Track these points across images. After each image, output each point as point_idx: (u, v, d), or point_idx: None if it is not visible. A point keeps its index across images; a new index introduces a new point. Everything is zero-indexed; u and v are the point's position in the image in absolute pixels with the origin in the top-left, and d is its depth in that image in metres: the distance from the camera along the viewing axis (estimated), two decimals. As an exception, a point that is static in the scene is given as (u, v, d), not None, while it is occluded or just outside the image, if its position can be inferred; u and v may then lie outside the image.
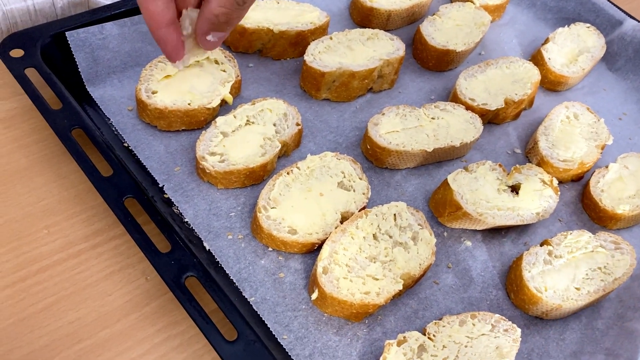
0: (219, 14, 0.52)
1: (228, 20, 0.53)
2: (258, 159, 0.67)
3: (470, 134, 0.74)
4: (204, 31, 0.54)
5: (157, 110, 0.68)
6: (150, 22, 0.52)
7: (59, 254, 0.59)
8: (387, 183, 0.72)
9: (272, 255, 0.62)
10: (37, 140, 0.68)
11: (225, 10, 0.52)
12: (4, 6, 0.72)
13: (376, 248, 0.61)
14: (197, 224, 0.63)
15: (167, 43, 0.54)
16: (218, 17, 0.52)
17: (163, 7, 0.51)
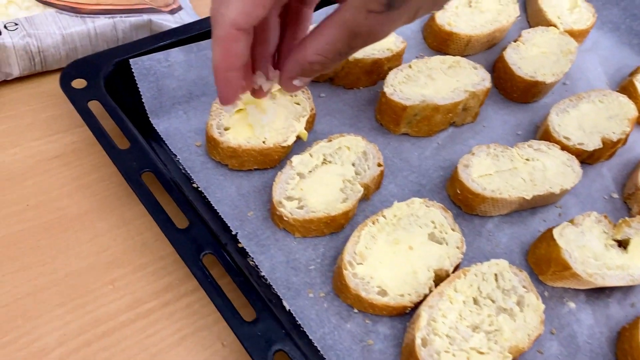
0: (315, 62, 0.46)
1: (322, 69, 0.47)
2: (339, 205, 0.60)
3: (569, 179, 0.67)
4: (291, 75, 0.49)
5: (230, 149, 0.62)
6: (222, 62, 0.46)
7: (126, 313, 0.53)
8: (478, 232, 0.65)
9: (358, 318, 0.56)
10: (98, 180, 0.62)
11: (323, 59, 0.46)
12: (63, 30, 0.67)
13: (478, 315, 0.54)
14: (274, 279, 0.57)
15: (230, 87, 0.48)
16: (312, 65, 0.46)
17: (242, 50, 0.45)
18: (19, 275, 0.54)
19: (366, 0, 0.41)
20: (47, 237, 0.57)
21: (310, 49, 0.46)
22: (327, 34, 0.45)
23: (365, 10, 0.42)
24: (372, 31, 0.44)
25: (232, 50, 0.45)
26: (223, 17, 0.43)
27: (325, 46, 0.45)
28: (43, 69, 0.69)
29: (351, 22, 0.43)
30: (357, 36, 0.44)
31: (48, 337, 0.51)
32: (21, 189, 0.60)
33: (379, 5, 0.42)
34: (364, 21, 0.43)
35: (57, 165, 0.62)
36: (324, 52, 0.46)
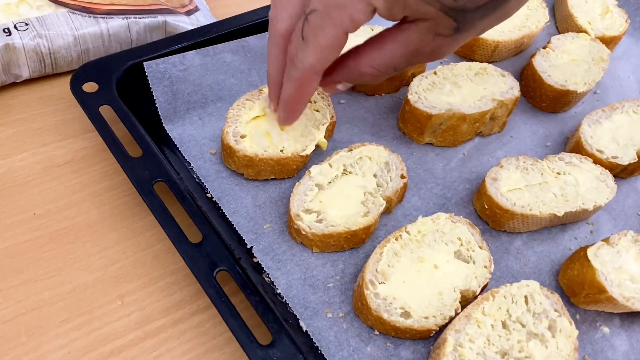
0: (367, 73, 0.47)
1: (371, 80, 0.49)
2: (360, 219, 0.57)
3: (603, 194, 0.63)
4: (338, 79, 0.51)
5: (247, 157, 0.59)
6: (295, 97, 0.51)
7: (134, 331, 0.50)
8: (506, 250, 0.61)
9: (379, 341, 0.52)
10: (108, 188, 0.59)
11: (376, 72, 0.47)
12: (75, 31, 0.64)
13: (508, 340, 0.51)
14: (291, 297, 0.54)
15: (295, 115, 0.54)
16: (362, 75, 0.47)
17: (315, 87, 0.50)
18: (24, 288, 0.51)
19: (436, 25, 0.43)
20: (54, 248, 0.54)
21: (365, 61, 0.47)
22: (387, 49, 0.46)
23: (433, 33, 0.43)
24: (435, 52, 0.46)
25: (307, 89, 0.49)
26: (302, 62, 0.46)
27: (382, 61, 0.47)
28: (54, 71, 0.67)
29: (417, 43, 0.45)
30: (419, 55, 0.46)
31: (52, 355, 0.48)
32: (28, 197, 0.57)
33: (448, 30, 0.43)
34: (431, 42, 0.44)
35: (66, 172, 0.60)
36: (379, 66, 0.47)
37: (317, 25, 0.44)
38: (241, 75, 0.69)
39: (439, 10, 0.41)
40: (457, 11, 0.42)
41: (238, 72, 0.69)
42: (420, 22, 0.43)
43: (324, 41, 0.44)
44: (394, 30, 0.46)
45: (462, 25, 0.43)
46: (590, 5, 0.89)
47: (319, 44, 0.44)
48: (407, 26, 0.44)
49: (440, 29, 0.43)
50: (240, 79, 0.69)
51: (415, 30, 0.44)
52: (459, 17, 0.42)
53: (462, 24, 0.43)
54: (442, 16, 0.42)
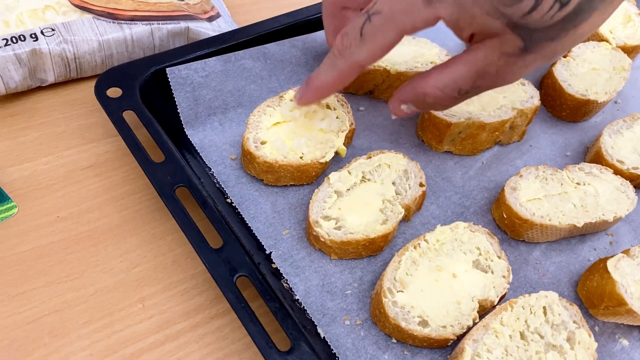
0: (431, 94, 0.47)
1: (435, 104, 0.49)
2: (379, 227, 0.57)
3: (623, 205, 0.63)
4: (401, 98, 0.51)
5: (267, 163, 0.59)
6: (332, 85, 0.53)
7: (155, 334, 0.51)
8: (524, 260, 0.61)
9: (397, 349, 0.52)
10: (130, 192, 0.60)
11: (441, 94, 0.47)
12: (100, 36, 0.65)
13: (526, 351, 0.51)
14: (309, 303, 0.54)
15: (319, 97, 0.56)
16: (427, 96, 0.47)
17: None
18: (47, 290, 0.52)
19: (502, 44, 0.42)
20: (77, 250, 0.55)
21: (431, 81, 0.47)
22: (453, 69, 0.45)
23: (499, 51, 0.42)
24: (501, 73, 0.44)
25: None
26: (353, 56, 0.48)
27: (448, 81, 0.46)
28: (78, 76, 0.68)
29: (482, 61, 0.44)
30: (485, 76, 0.45)
31: (75, 356, 0.49)
32: (52, 200, 0.58)
33: (515, 49, 0.42)
34: (496, 61, 0.43)
35: (89, 176, 0.61)
36: (444, 87, 0.46)
37: (380, 26, 0.45)
38: (261, 81, 0.70)
39: (506, 26, 0.41)
40: (524, 29, 0.41)
41: (258, 78, 0.70)
42: (487, 40, 0.43)
43: (381, 42, 0.45)
44: (462, 53, 0.45)
45: (529, 45, 0.42)
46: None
47: (376, 44, 0.46)
48: (474, 46, 0.44)
49: (507, 47, 0.42)
50: (260, 85, 0.70)
51: (481, 48, 0.43)
52: (526, 36, 0.41)
53: (529, 43, 0.42)
54: (508, 33, 0.41)
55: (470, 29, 0.43)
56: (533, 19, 0.40)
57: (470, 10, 0.41)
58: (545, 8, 0.39)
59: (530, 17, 0.40)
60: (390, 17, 0.44)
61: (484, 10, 0.40)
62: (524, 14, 0.40)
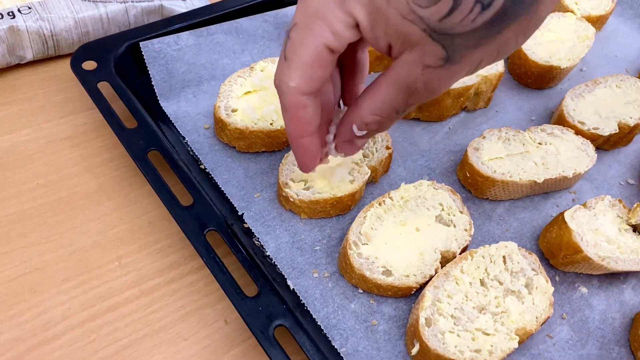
0: (371, 122, 0.45)
1: (379, 128, 0.46)
2: (346, 186, 0.60)
3: (583, 162, 0.65)
4: (347, 138, 0.48)
5: (238, 130, 0.62)
6: (294, 130, 0.45)
7: (130, 289, 0.53)
8: (488, 216, 0.64)
9: (363, 298, 0.55)
10: (107, 160, 0.63)
11: (379, 119, 0.44)
12: (76, 14, 0.67)
13: (485, 296, 0.53)
14: (279, 258, 0.56)
15: (307, 153, 0.47)
16: (368, 125, 0.45)
17: (313, 115, 0.44)
18: (27, 250, 0.55)
19: (422, 56, 0.39)
20: (56, 214, 0.57)
21: (366, 110, 0.44)
22: (382, 93, 0.43)
23: (421, 66, 0.39)
24: (429, 87, 0.41)
25: (303, 117, 0.44)
26: (287, 85, 0.42)
27: (382, 105, 0.43)
28: (56, 53, 0.70)
29: (406, 79, 0.41)
30: (414, 93, 0.42)
31: (53, 310, 0.51)
32: (32, 169, 0.61)
33: (437, 59, 0.39)
34: (421, 77, 0.40)
35: (68, 146, 0.63)
36: (380, 112, 0.44)
37: (299, 40, 0.40)
38: (234, 55, 0.72)
39: (424, 32, 0.37)
40: (444, 36, 0.37)
41: (231, 52, 0.72)
42: (405, 53, 0.39)
43: (306, 57, 0.40)
44: (385, 72, 0.42)
45: (452, 55, 0.38)
46: (577, -14, 0.91)
47: (302, 60, 0.40)
48: (394, 63, 0.41)
49: (428, 59, 0.39)
50: (233, 58, 0.72)
51: (402, 65, 0.40)
52: (447, 44, 0.38)
53: (452, 52, 0.38)
54: (428, 42, 0.38)
55: (386, 37, 0.39)
56: (452, 22, 0.36)
57: (385, 11, 0.37)
58: (465, 10, 0.36)
59: (449, 21, 0.36)
60: (305, 26, 0.40)
61: (398, 11, 0.37)
62: (442, 17, 0.36)
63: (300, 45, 0.40)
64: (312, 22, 0.39)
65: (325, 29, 0.39)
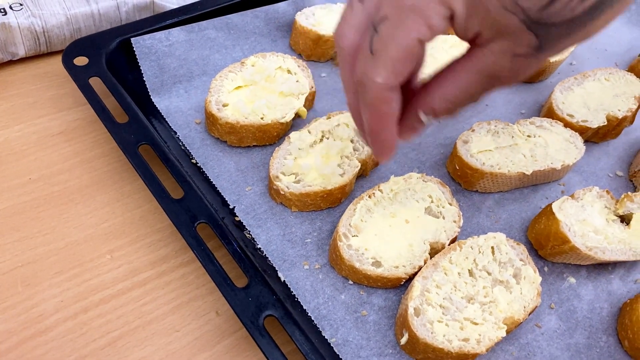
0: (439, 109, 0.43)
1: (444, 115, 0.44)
2: (336, 179, 0.60)
3: (571, 154, 0.66)
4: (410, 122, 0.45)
5: (228, 124, 0.62)
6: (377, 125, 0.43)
7: (123, 282, 0.54)
8: (477, 208, 0.64)
9: (353, 290, 0.56)
10: (99, 155, 0.63)
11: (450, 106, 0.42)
12: (67, 10, 0.68)
13: (473, 287, 0.54)
14: (270, 251, 0.57)
15: (387, 145, 0.45)
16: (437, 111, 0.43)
17: (395, 108, 0.42)
18: (20, 244, 0.55)
19: (514, 45, 0.38)
20: (48, 208, 0.58)
21: (437, 96, 0.42)
22: (460, 79, 0.41)
23: (512, 53, 0.38)
24: (514, 75, 0.40)
25: (386, 112, 0.42)
26: (373, 81, 0.40)
27: (456, 92, 0.42)
28: (48, 50, 0.71)
29: (492, 67, 0.39)
30: (497, 80, 0.41)
31: (46, 303, 0.52)
32: (25, 164, 0.61)
33: (528, 49, 0.38)
34: (509, 65, 0.39)
35: (60, 141, 0.64)
36: (454, 99, 0.42)
37: (389, 34, 0.38)
38: (225, 50, 0.73)
39: (521, 22, 0.36)
40: (541, 25, 0.36)
41: (222, 47, 0.73)
42: (495, 42, 0.38)
43: (397, 52, 0.38)
44: (465, 59, 0.41)
45: (545, 43, 0.37)
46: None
47: (391, 55, 0.38)
48: (479, 51, 0.39)
49: (519, 48, 0.38)
50: (224, 54, 0.73)
51: (489, 54, 0.39)
52: (542, 33, 0.37)
53: (545, 41, 0.37)
54: (523, 31, 0.37)
55: (480, 27, 0.38)
56: (551, 12, 0.35)
57: (485, 3, 0.36)
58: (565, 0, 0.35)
59: (549, 11, 0.35)
60: (398, 20, 0.37)
61: (501, 2, 0.36)
62: (543, 6, 0.35)
63: (391, 40, 0.38)
64: (407, 16, 0.37)
65: (421, 23, 0.37)
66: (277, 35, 0.77)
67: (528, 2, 0.35)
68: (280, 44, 0.77)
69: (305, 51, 0.75)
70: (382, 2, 0.38)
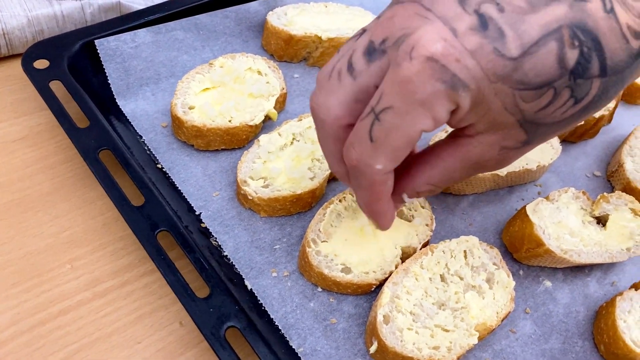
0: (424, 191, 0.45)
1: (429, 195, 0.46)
2: (306, 183, 0.59)
3: (547, 155, 0.65)
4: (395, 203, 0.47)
5: (195, 128, 0.60)
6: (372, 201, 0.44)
7: (83, 292, 0.52)
8: (451, 211, 0.63)
9: (323, 297, 0.54)
10: (62, 161, 0.61)
11: (434, 188, 0.44)
12: (29, 12, 0.66)
13: (445, 292, 0.52)
14: (237, 258, 0.55)
15: (385, 215, 0.46)
16: (420, 194, 0.45)
17: (390, 185, 0.43)
18: (-24, 255, 0.53)
19: (503, 139, 0.39)
20: (7, 217, 0.56)
21: (422, 180, 0.44)
22: (445, 166, 0.43)
23: (499, 146, 0.40)
24: (499, 164, 0.42)
25: (382, 191, 0.43)
26: (371, 168, 0.40)
27: (440, 177, 0.43)
28: (9, 52, 0.69)
29: (479, 157, 0.41)
30: (481, 168, 0.43)
31: (3, 315, 0.50)
32: (-17, 171, 0.59)
33: (516, 143, 0.40)
34: (495, 156, 0.41)
35: (21, 147, 0.62)
36: (437, 183, 0.44)
37: (393, 124, 0.37)
38: (194, 52, 0.71)
39: (517, 122, 0.38)
40: (533, 124, 0.38)
41: (191, 49, 0.71)
42: (486, 135, 0.40)
43: (399, 142, 0.38)
44: (451, 146, 0.42)
45: (532, 138, 0.40)
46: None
47: (392, 145, 0.38)
48: (467, 141, 0.41)
49: (509, 142, 0.40)
50: (193, 55, 0.71)
51: (477, 144, 0.40)
52: (531, 131, 0.39)
53: (533, 136, 0.39)
54: (516, 128, 0.38)
55: (476, 121, 0.39)
56: (545, 114, 0.37)
57: (489, 101, 0.37)
58: (559, 104, 0.37)
59: (543, 113, 0.37)
60: (406, 112, 0.37)
61: (503, 104, 0.37)
62: (538, 109, 0.37)
63: (395, 131, 0.37)
64: (414, 109, 0.36)
65: (427, 116, 0.37)
66: (248, 35, 0.75)
67: (527, 105, 0.37)
68: (252, 44, 0.76)
69: (277, 52, 0.74)
70: (388, 91, 0.37)
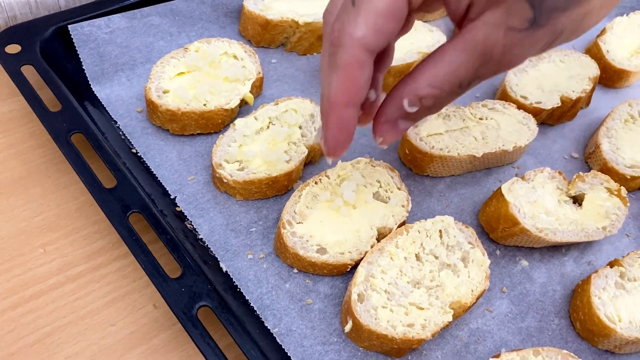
0: (426, 95, 0.38)
1: (432, 106, 0.39)
2: (281, 166, 0.58)
3: (524, 136, 0.65)
4: (393, 117, 0.40)
5: (169, 112, 0.60)
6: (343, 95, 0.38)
7: (55, 276, 0.52)
8: (428, 193, 0.63)
9: (299, 278, 0.54)
10: (35, 147, 0.61)
11: (438, 92, 0.38)
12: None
13: (420, 271, 0.52)
14: (213, 241, 0.55)
15: (345, 128, 0.40)
16: (423, 100, 0.38)
17: (367, 79, 0.38)
18: (-54, 240, 0.53)
19: (507, 16, 0.35)
20: (-22, 203, 0.56)
21: (423, 80, 0.38)
22: (448, 60, 0.37)
23: (504, 27, 0.35)
24: (507, 53, 0.36)
25: (357, 78, 0.37)
26: (351, 36, 0.36)
27: (445, 75, 0.37)
28: (-18, 39, 0.68)
29: (484, 43, 0.36)
30: (489, 61, 0.37)
31: (-28, 301, 0.49)
32: (-46, 157, 0.59)
33: (522, 20, 0.35)
34: (502, 40, 0.36)
35: (-7, 133, 0.61)
36: (441, 84, 0.37)
37: None
38: (170, 38, 0.71)
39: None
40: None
41: (167, 34, 0.70)
42: (488, 12, 0.35)
43: (381, 3, 0.35)
44: (455, 38, 0.37)
45: (539, 16, 0.35)
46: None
47: (375, 7, 0.35)
48: (471, 25, 0.36)
49: (513, 20, 0.35)
50: (169, 41, 0.70)
51: (481, 25, 0.36)
52: (536, 4, 0.34)
53: (539, 13, 0.35)
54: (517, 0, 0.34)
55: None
56: None
57: None
58: None
59: None
60: None
61: None
62: None
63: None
64: None
65: None
66: (225, 21, 0.75)
67: None
68: (230, 30, 0.75)
69: (254, 37, 0.73)
70: None
